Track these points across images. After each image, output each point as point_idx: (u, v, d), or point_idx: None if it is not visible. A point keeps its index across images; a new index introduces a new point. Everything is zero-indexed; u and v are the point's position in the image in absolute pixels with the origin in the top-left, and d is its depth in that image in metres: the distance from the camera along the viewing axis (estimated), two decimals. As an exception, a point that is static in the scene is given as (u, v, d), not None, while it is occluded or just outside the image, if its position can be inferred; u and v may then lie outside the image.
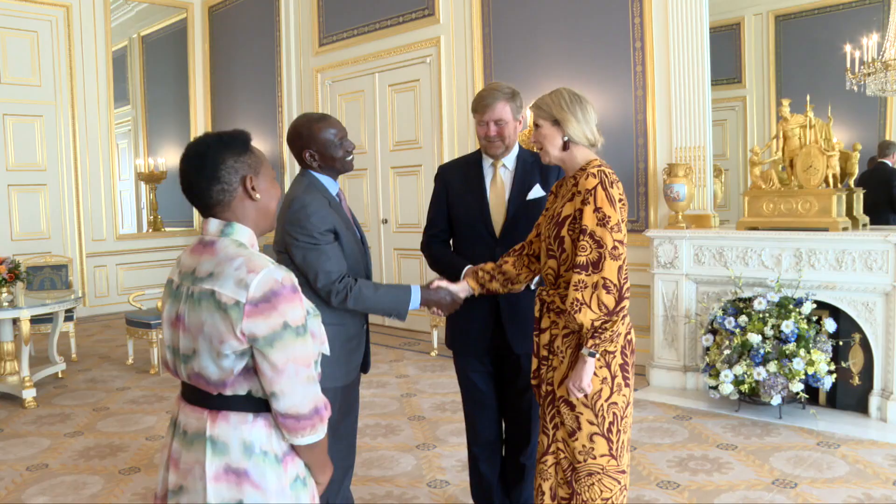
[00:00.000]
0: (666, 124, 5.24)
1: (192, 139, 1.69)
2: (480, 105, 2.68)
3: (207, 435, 1.54)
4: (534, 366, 2.42)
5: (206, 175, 1.58)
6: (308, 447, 1.59)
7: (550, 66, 5.94)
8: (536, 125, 2.32)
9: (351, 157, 2.53)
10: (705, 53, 4.99)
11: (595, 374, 2.21)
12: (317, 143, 2.49)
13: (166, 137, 9.92)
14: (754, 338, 4.22)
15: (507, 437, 2.92)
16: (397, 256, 7.39)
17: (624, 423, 2.28)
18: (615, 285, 2.14)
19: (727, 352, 4.32)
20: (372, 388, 5.20)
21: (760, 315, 4.29)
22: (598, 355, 2.19)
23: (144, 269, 9.01)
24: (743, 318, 4.35)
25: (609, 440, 2.25)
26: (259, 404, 1.56)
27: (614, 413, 2.25)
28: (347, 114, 7.76)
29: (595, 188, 2.18)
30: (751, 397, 4.34)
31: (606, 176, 2.21)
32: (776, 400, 4.14)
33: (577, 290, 2.16)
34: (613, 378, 2.23)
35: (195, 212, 9.61)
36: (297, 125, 2.53)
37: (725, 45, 5.73)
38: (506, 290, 2.58)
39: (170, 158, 9.74)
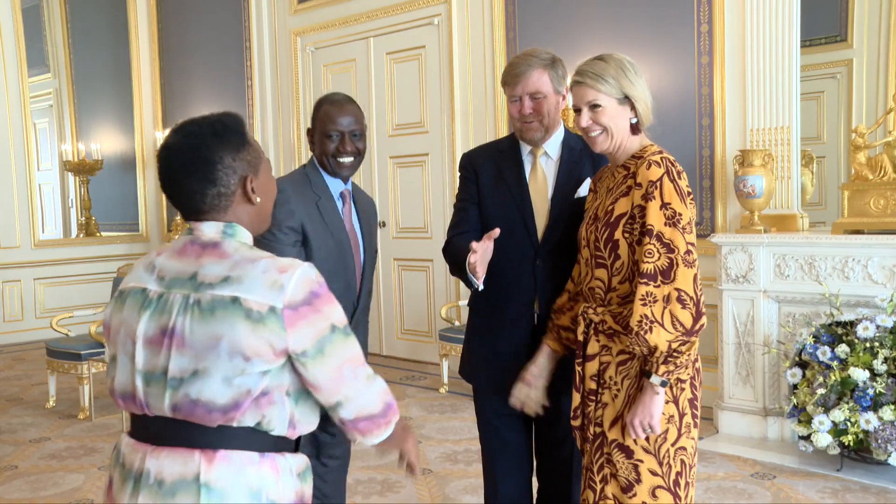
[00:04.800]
0: (739, 100, 5.20)
1: (177, 125, 1.73)
2: (511, 75, 2.68)
3: (202, 480, 1.55)
4: (575, 402, 2.43)
5: (198, 177, 1.65)
6: (382, 441, 1.76)
7: (589, 26, 5.92)
8: (595, 105, 2.31)
9: (345, 158, 2.63)
10: (794, 4, 4.94)
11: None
12: (316, 125, 2.66)
13: (101, 116, 9.90)
14: (859, 374, 4.14)
15: (541, 498, 2.90)
16: (398, 268, 7.37)
17: (692, 474, 2.29)
18: (692, 298, 2.16)
19: (822, 391, 4.24)
20: (364, 435, 5.15)
21: (867, 344, 4.21)
22: (668, 385, 2.22)
23: (73, 286, 8.99)
24: (843, 349, 4.29)
25: (676, 495, 2.25)
26: (265, 442, 1.62)
27: (682, 461, 2.26)
28: (335, 88, 7.68)
29: (661, 180, 2.21)
30: (858, 452, 4.24)
31: (673, 165, 2.26)
32: (896, 458, 4.06)
33: (645, 304, 2.18)
34: (682, 417, 2.26)
35: (142, 213, 9.62)
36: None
37: (825, -8, 5.68)
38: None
39: (106, 143, 9.72)
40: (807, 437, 4.31)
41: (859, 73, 5.64)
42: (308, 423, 1.69)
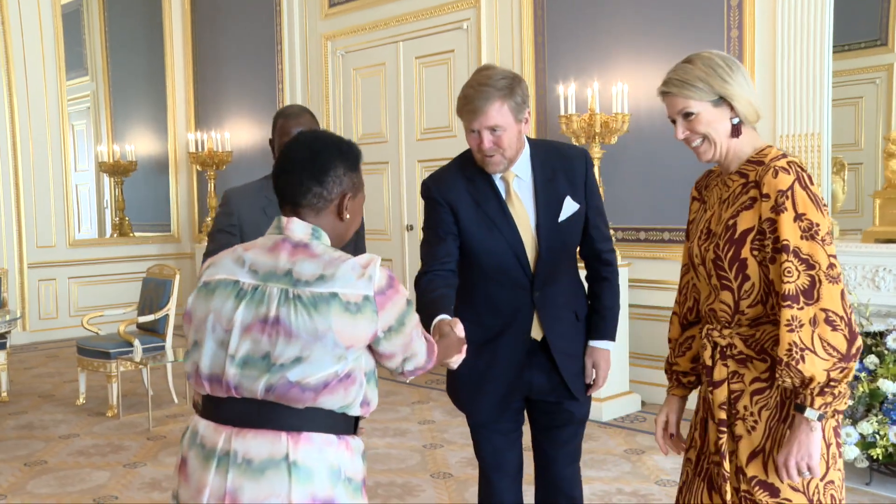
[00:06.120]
0: (768, 105, 5.14)
1: (314, 130, 2.06)
2: (466, 109, 2.49)
3: (290, 459, 1.72)
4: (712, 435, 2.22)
5: (311, 174, 1.86)
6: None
7: (619, 30, 5.89)
8: (687, 113, 2.10)
9: None
10: (827, 9, 4.88)
11: None
12: (274, 137, 2.90)
13: (136, 118, 10.03)
14: (889, 386, 4.06)
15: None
16: (423, 272, 7.32)
17: None
18: (842, 317, 1.96)
19: (849, 402, 4.14)
20: (388, 437, 5.18)
21: (897, 355, 4.14)
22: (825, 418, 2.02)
23: (106, 285, 9.10)
24: (871, 359, 4.21)
25: None
26: (339, 425, 1.81)
27: (832, 495, 2.07)
28: (364, 92, 7.79)
29: (792, 188, 1.99)
30: (888, 466, 4.16)
31: (802, 169, 2.03)
32: (924, 472, 3.97)
33: (791, 330, 1.96)
34: (829, 447, 2.06)
35: (174, 214, 9.72)
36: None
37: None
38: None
39: (141, 145, 9.83)
40: (834, 449, 4.23)
41: (901, 77, 5.56)
42: (374, 401, 1.85)
